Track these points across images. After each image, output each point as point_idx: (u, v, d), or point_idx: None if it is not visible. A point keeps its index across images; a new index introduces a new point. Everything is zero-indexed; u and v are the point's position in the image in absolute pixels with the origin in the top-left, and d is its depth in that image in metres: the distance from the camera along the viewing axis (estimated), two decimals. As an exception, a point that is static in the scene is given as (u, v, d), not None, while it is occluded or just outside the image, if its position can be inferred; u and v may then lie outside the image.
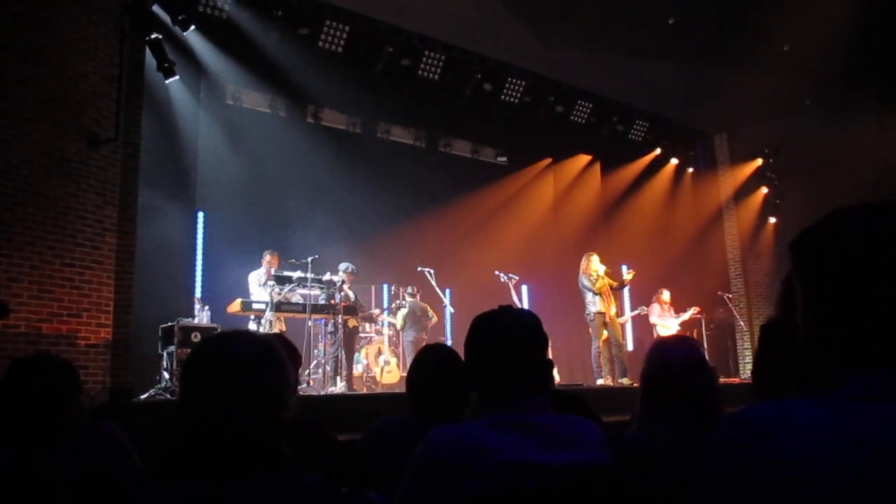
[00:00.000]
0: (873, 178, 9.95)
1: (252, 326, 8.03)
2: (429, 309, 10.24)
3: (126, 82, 7.25)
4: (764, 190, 13.25)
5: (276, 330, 8.33)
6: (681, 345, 2.21)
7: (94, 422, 1.78)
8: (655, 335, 10.57)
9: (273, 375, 1.31)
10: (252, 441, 1.27)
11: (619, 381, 8.95)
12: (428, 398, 2.38)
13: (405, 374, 8.99)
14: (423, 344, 9.84)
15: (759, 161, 13.28)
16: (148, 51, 7.46)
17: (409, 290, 10.21)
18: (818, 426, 0.84)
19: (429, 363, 2.46)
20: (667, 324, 10.60)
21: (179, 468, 1.28)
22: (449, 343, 11.02)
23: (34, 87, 6.54)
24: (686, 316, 10.70)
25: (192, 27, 7.81)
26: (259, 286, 8.51)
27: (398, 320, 10.24)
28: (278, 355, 1.34)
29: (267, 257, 8.71)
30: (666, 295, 10.78)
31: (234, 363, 1.29)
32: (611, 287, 9.33)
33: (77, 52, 6.89)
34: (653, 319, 10.70)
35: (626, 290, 10.90)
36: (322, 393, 8.03)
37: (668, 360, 2.10)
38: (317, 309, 8.42)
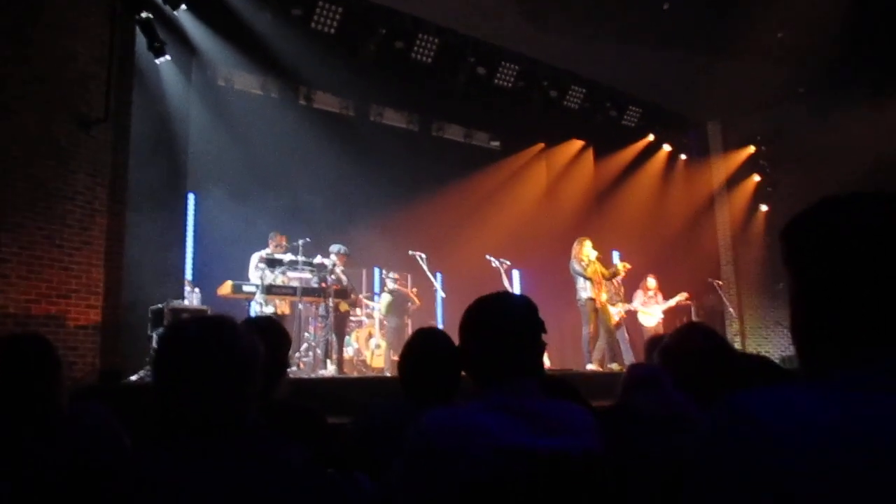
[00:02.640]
0: (866, 168, 9.97)
1: (255, 309, 8.01)
2: (410, 293, 10.23)
3: (116, 62, 7.19)
4: (756, 178, 13.26)
5: (279, 312, 8.34)
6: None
7: (81, 403, 1.78)
8: (639, 322, 10.58)
9: (235, 358, 1.41)
10: (222, 418, 1.39)
11: (609, 366, 8.99)
12: (419, 382, 2.39)
13: (394, 359, 9.01)
14: (406, 328, 9.88)
15: (752, 149, 13.29)
16: (138, 31, 7.39)
17: (392, 276, 10.19)
18: (809, 414, 0.84)
19: (420, 347, 2.46)
20: (649, 311, 10.56)
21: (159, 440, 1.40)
22: (440, 328, 11.04)
23: (23, 66, 6.48)
24: (672, 302, 10.62)
25: (183, 6, 7.74)
26: (253, 267, 8.50)
27: (381, 308, 10.24)
28: (241, 338, 1.44)
29: (276, 237, 8.69)
30: (651, 282, 10.72)
31: (197, 350, 1.40)
32: (602, 276, 9.35)
33: (66, 32, 6.82)
34: (634, 305, 10.69)
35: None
36: (312, 376, 8.04)
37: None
38: (307, 292, 8.40)
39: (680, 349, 2.36)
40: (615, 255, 12.57)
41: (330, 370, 8.27)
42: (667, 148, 13.69)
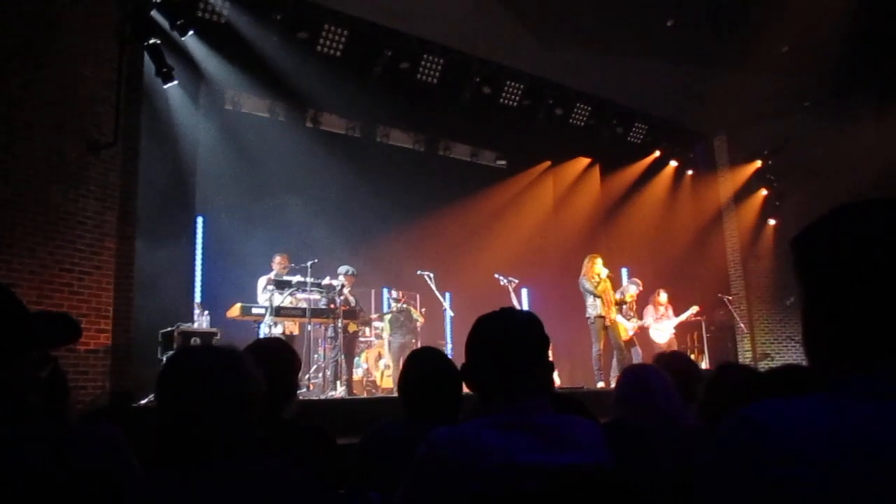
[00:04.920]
0: (873, 179, 9.94)
1: (265, 330, 8.02)
2: (413, 311, 10.21)
3: (125, 87, 7.27)
4: (763, 191, 13.25)
5: (287, 332, 8.35)
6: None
7: (91, 426, 1.78)
8: (651, 338, 10.51)
9: (234, 381, 1.53)
10: (221, 436, 1.50)
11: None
12: (419, 402, 2.39)
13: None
14: (412, 347, 9.89)
15: (759, 163, 13.29)
16: (147, 56, 7.47)
17: (394, 295, 10.19)
18: (820, 424, 0.84)
19: (418, 368, 2.47)
20: (661, 326, 10.45)
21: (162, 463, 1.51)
22: (449, 346, 11.02)
23: (34, 91, 6.55)
24: (684, 316, 10.54)
25: (191, 32, 7.82)
26: (261, 290, 8.51)
27: (385, 326, 10.24)
28: (240, 363, 1.57)
29: (277, 259, 8.69)
30: (663, 297, 10.61)
31: (197, 373, 1.52)
32: (618, 303, 9.34)
33: (77, 57, 6.90)
34: (646, 322, 10.60)
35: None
36: (322, 397, 8.02)
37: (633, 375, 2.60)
38: (316, 313, 8.40)
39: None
40: (624, 273, 12.54)
41: (340, 391, 8.25)
42: (673, 163, 13.71)
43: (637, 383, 2.49)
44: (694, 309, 10.57)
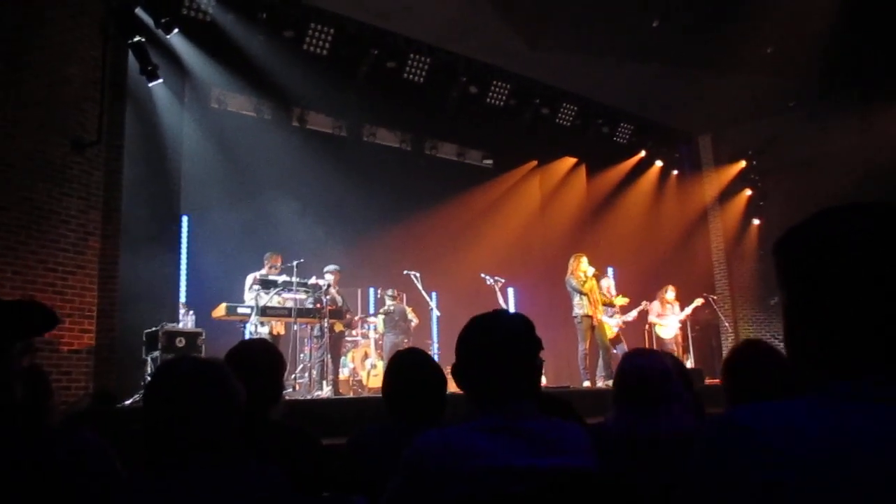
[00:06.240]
0: (857, 179, 10.02)
1: (251, 329, 7.98)
2: (408, 311, 10.20)
3: (109, 85, 7.22)
4: (748, 192, 13.34)
5: (274, 333, 8.31)
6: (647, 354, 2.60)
7: (73, 429, 1.76)
8: (654, 335, 10.55)
9: (218, 388, 1.65)
10: (206, 440, 1.58)
11: (607, 382, 8.96)
12: (402, 403, 2.39)
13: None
14: (403, 347, 9.86)
15: (743, 163, 13.37)
16: (131, 54, 7.42)
17: (390, 293, 10.19)
18: (803, 427, 0.84)
19: (401, 368, 2.47)
20: (666, 322, 10.52)
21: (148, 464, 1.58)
22: (435, 346, 11.01)
23: (18, 89, 6.49)
24: (689, 310, 10.60)
25: (176, 30, 7.77)
26: (248, 288, 8.45)
27: (378, 326, 10.23)
28: (223, 372, 1.69)
29: (270, 258, 8.62)
30: (670, 294, 10.66)
31: (184, 379, 1.64)
32: (604, 304, 9.36)
33: (61, 55, 6.84)
34: (651, 318, 10.62)
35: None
36: (308, 397, 8.00)
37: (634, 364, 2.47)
38: (302, 313, 8.36)
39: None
40: (610, 272, 12.58)
41: (326, 391, 8.23)
42: (659, 163, 13.77)
43: (635, 369, 2.43)
44: (698, 301, 10.63)
